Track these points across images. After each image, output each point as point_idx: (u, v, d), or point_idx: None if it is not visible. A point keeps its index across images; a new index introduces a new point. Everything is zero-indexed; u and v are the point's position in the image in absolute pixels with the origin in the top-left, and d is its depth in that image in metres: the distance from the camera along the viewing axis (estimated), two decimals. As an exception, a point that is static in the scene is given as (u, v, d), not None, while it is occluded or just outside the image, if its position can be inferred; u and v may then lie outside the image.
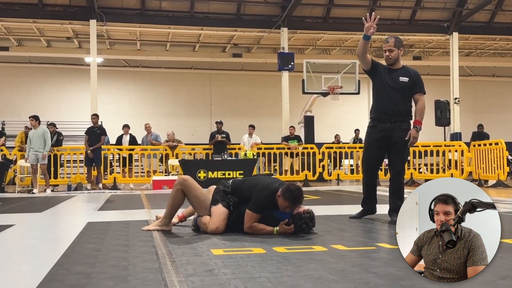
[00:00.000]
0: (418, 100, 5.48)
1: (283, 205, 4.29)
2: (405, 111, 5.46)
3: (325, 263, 3.20)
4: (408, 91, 5.46)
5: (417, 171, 15.00)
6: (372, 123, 5.62)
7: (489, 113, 24.89)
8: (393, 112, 5.43)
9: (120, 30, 19.31)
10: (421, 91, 5.49)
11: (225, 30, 19.30)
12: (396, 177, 5.52)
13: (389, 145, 5.47)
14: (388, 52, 5.45)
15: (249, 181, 4.71)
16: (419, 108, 5.44)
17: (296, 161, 15.36)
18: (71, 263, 3.27)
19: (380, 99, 5.52)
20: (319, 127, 18.84)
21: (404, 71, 5.50)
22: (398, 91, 5.42)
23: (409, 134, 5.34)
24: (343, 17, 19.50)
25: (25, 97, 22.04)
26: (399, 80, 5.43)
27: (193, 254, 3.49)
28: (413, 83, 5.46)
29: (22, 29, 19.00)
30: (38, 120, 12.52)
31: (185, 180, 4.57)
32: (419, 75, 5.57)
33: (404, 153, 5.53)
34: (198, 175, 13.11)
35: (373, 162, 5.67)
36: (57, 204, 8.61)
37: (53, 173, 13.69)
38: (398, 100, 5.42)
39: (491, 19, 20.25)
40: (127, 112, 21.96)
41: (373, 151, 5.61)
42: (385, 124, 5.46)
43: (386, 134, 5.44)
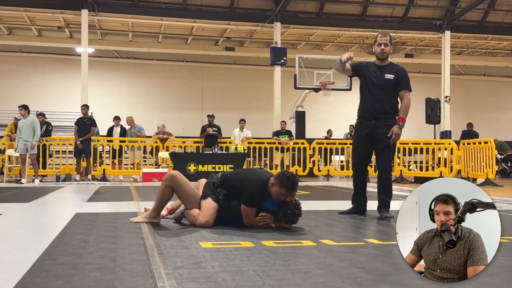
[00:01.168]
0: (403, 97, 5.48)
1: (278, 193, 4.25)
2: (390, 108, 5.47)
3: (313, 257, 3.20)
4: (394, 88, 5.47)
5: (407, 168, 15.06)
6: (358, 121, 5.68)
7: (479, 112, 25.07)
8: (377, 109, 5.46)
9: (112, 21, 19.17)
10: (406, 88, 5.49)
11: (218, 23, 19.23)
12: (383, 173, 5.56)
13: (375, 142, 5.50)
14: (384, 46, 5.46)
15: (239, 173, 4.70)
16: (404, 105, 5.46)
17: (286, 156, 15.37)
18: (58, 254, 3.24)
19: (365, 96, 5.57)
20: (311, 122, 18.85)
21: (391, 68, 5.51)
22: (382, 88, 5.45)
23: (391, 130, 5.36)
24: (337, 13, 19.50)
25: (15, 87, 21.85)
26: (384, 77, 5.45)
27: (181, 247, 3.48)
28: (399, 80, 5.46)
29: (13, 17, 18.80)
30: (27, 110, 12.41)
31: (174, 176, 4.54)
32: (406, 72, 5.57)
33: (389, 149, 5.54)
34: (188, 168, 13.08)
35: (360, 159, 5.70)
36: (45, 195, 8.57)
37: (41, 164, 13.60)
38: (383, 97, 5.45)
39: (483, 18, 20.35)
40: (118, 103, 21.86)
41: (360, 148, 5.65)
42: (370, 121, 5.50)
43: (372, 131, 5.48)
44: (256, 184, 4.31)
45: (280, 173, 4.31)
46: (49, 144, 14.11)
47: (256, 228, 4.31)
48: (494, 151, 13.19)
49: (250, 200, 4.34)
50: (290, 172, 4.34)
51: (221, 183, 4.57)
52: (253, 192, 4.31)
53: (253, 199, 4.34)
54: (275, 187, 4.25)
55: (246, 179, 4.39)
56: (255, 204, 4.36)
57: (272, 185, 4.27)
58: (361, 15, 19.62)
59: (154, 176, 13.11)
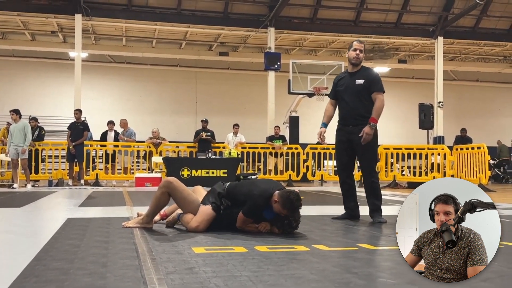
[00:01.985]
0: (375, 99, 5.52)
1: (279, 211, 4.27)
2: (366, 112, 5.51)
3: (306, 262, 3.19)
4: (366, 92, 5.53)
5: (400, 173, 15.10)
6: (337, 127, 5.77)
7: (472, 118, 25.19)
8: (352, 115, 5.55)
9: (105, 26, 19.15)
10: (377, 89, 5.53)
11: (212, 28, 19.24)
12: (367, 178, 5.60)
13: (355, 148, 5.56)
14: (359, 51, 5.56)
15: (244, 186, 4.60)
16: (376, 106, 5.49)
17: (280, 161, 15.36)
18: (49, 259, 3.21)
19: (340, 104, 5.72)
20: (304, 127, 18.88)
21: (361, 73, 5.60)
22: (354, 93, 5.54)
23: (363, 130, 5.40)
24: (330, 19, 19.57)
25: (7, 91, 21.76)
26: (355, 83, 5.55)
27: (174, 252, 3.45)
28: (369, 84, 5.52)
29: (6, 22, 18.73)
30: (19, 114, 12.36)
31: (171, 183, 4.51)
32: (376, 75, 5.66)
33: (370, 154, 5.59)
34: (182, 173, 13.05)
35: (343, 164, 5.75)
36: (38, 200, 8.51)
37: (34, 168, 13.53)
38: (356, 103, 5.52)
39: (476, 25, 20.48)
40: (111, 108, 21.81)
41: (341, 154, 5.73)
42: (348, 127, 5.60)
43: (350, 137, 5.56)
44: (259, 198, 4.31)
45: (285, 194, 4.25)
46: (41, 149, 14.04)
47: (249, 233, 4.30)
48: (487, 156, 13.26)
49: (251, 212, 4.36)
50: (295, 195, 4.28)
51: (227, 193, 4.55)
52: (256, 206, 4.33)
53: (253, 212, 4.36)
54: (278, 205, 4.24)
55: (250, 193, 4.37)
56: (254, 216, 4.38)
57: (275, 202, 4.26)
58: (354, 21, 19.70)
59: (147, 181, 13.07)
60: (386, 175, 14.51)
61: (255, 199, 4.32)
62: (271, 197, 4.29)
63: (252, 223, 4.43)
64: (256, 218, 4.41)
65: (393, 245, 3.89)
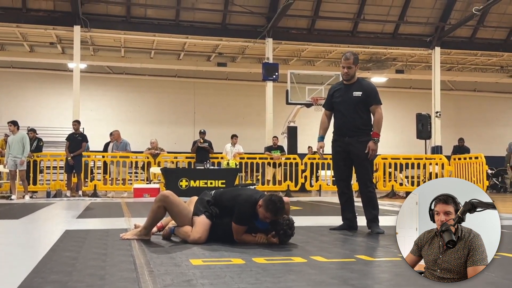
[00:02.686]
0: (374, 112, 5.56)
1: (264, 216, 4.31)
2: (362, 124, 5.55)
3: (304, 274, 3.19)
4: (363, 104, 5.56)
5: (398, 183, 15.10)
6: (333, 138, 5.78)
7: (470, 127, 25.23)
8: (349, 127, 5.57)
9: (104, 37, 19.20)
10: (376, 102, 5.57)
11: (210, 39, 19.31)
12: (363, 188, 5.61)
13: (352, 159, 5.59)
14: (347, 69, 5.59)
15: (230, 192, 4.74)
16: (376, 119, 5.54)
17: (278, 171, 15.36)
18: (47, 271, 3.21)
19: (336, 116, 5.74)
20: (302, 137, 18.89)
21: (358, 85, 5.62)
22: (351, 105, 5.56)
23: (368, 147, 5.43)
24: (328, 29, 19.66)
25: (6, 102, 21.77)
26: (352, 95, 5.56)
27: (171, 264, 3.46)
28: (367, 96, 5.55)
29: (5, 33, 18.78)
30: (16, 125, 12.36)
31: (167, 197, 4.54)
32: (373, 87, 5.68)
33: (366, 164, 5.60)
34: (180, 184, 13.04)
35: (341, 175, 5.79)
36: (36, 211, 8.49)
37: (32, 180, 13.51)
38: (353, 115, 5.54)
39: (472, 35, 20.58)
40: (110, 119, 21.81)
41: (338, 164, 5.75)
42: (344, 138, 5.61)
43: (346, 148, 5.59)
44: (245, 204, 4.37)
45: (268, 197, 4.34)
46: (40, 160, 14.04)
47: (246, 245, 4.30)
48: (485, 166, 13.28)
49: (240, 219, 4.40)
50: (278, 197, 4.36)
51: (214, 201, 4.60)
52: (243, 211, 4.37)
53: (242, 218, 4.40)
54: (262, 209, 4.29)
55: (236, 198, 4.45)
56: (244, 223, 4.41)
57: (259, 207, 4.32)
58: (352, 32, 19.80)
59: (146, 192, 13.05)
60: (384, 185, 14.51)
61: (241, 205, 4.38)
62: (257, 204, 4.34)
63: (249, 234, 4.43)
64: (249, 227, 4.43)
65: (391, 256, 3.90)
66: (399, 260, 3.58)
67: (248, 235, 4.45)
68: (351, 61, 5.57)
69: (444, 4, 19.49)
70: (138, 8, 18.32)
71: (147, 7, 18.31)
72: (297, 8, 18.03)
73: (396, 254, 3.80)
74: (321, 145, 5.81)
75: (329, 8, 18.94)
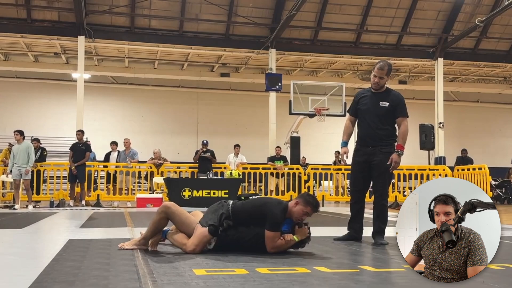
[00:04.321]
0: (400, 124, 5.51)
1: (303, 212, 4.39)
2: (386, 135, 5.49)
3: (308, 285, 3.17)
4: (389, 115, 5.49)
5: (402, 194, 15.06)
6: (356, 147, 5.71)
7: (473, 138, 25.19)
8: (372, 137, 5.50)
9: (108, 47, 19.32)
10: (403, 115, 5.50)
11: (213, 49, 19.40)
12: (379, 200, 5.55)
13: (372, 169, 5.51)
14: (379, 79, 5.48)
15: (253, 202, 4.63)
16: (402, 132, 5.48)
17: (281, 181, 15.35)
18: (50, 281, 3.21)
19: (361, 124, 5.65)
20: (305, 148, 18.89)
21: (385, 95, 5.54)
22: (377, 116, 5.48)
23: (390, 158, 5.37)
24: (331, 40, 19.73)
25: (10, 112, 21.86)
26: (379, 105, 5.48)
27: (174, 274, 3.44)
28: (394, 108, 5.48)
29: (10, 43, 18.91)
30: (22, 135, 12.41)
31: (169, 208, 4.52)
32: (401, 99, 5.58)
33: (385, 176, 5.54)
34: (183, 194, 13.03)
35: (358, 185, 5.70)
36: (39, 221, 8.49)
37: (35, 189, 13.52)
38: (378, 125, 5.47)
39: (475, 46, 20.62)
40: (113, 128, 21.86)
41: (357, 174, 5.68)
42: (367, 148, 5.54)
43: (368, 158, 5.51)
44: (277, 210, 4.38)
45: (303, 195, 4.53)
46: (43, 170, 14.06)
47: (250, 255, 4.27)
48: (488, 177, 13.24)
49: (275, 224, 4.38)
50: (310, 194, 4.59)
51: (232, 213, 4.50)
52: (277, 216, 4.37)
53: (277, 223, 4.39)
54: (300, 206, 4.39)
55: (265, 207, 4.42)
56: (279, 228, 4.40)
57: (296, 204, 4.40)
58: (355, 42, 19.86)
59: (149, 202, 13.04)
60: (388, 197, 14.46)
61: (274, 210, 4.38)
62: (287, 209, 4.41)
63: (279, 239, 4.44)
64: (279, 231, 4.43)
65: (395, 267, 3.88)
66: (403, 271, 3.57)
67: (280, 240, 4.41)
68: (385, 72, 5.46)
69: (447, 15, 19.55)
70: (142, 19, 18.44)
71: (151, 18, 18.43)
72: (300, 19, 18.12)
73: (400, 265, 3.79)
74: (345, 150, 5.73)
75: (332, 19, 19.03)
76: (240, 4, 18.27)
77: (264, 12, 18.69)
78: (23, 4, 17.27)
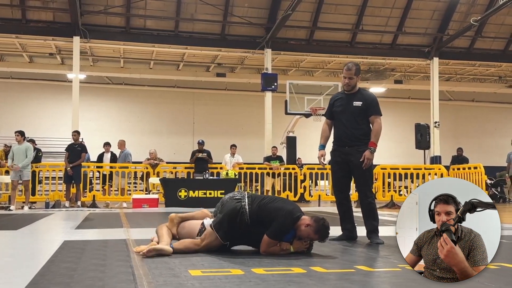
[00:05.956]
0: (373, 122, 5.58)
1: (307, 235, 4.32)
2: (362, 134, 5.55)
3: (303, 285, 3.18)
4: (363, 114, 5.57)
5: (397, 194, 15.10)
6: (333, 148, 5.79)
7: (468, 137, 25.27)
8: (348, 136, 5.57)
9: (103, 47, 19.28)
10: (376, 113, 5.58)
11: (209, 49, 19.39)
12: (364, 199, 5.61)
13: (351, 169, 5.59)
14: (348, 79, 5.59)
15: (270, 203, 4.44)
16: (375, 130, 5.55)
17: (277, 181, 15.36)
18: (46, 283, 3.20)
19: (337, 125, 5.73)
20: (301, 147, 18.90)
21: (358, 95, 5.63)
22: (352, 115, 5.57)
23: (363, 155, 5.43)
24: (326, 40, 19.75)
25: (5, 113, 21.77)
26: (352, 105, 5.57)
27: (170, 275, 3.44)
28: (367, 107, 5.56)
29: (4, 44, 18.84)
30: (23, 136, 12.41)
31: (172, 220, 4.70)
32: (374, 98, 5.69)
33: (366, 175, 5.58)
34: (179, 194, 13.03)
35: (339, 185, 5.78)
36: (34, 222, 8.47)
37: (31, 190, 13.47)
38: (353, 125, 5.55)
39: (471, 45, 20.68)
40: (109, 129, 21.81)
41: (336, 174, 5.75)
42: (343, 148, 5.61)
43: (345, 158, 5.58)
44: (286, 221, 4.30)
45: (320, 220, 4.32)
46: (38, 170, 14.01)
47: (246, 255, 4.28)
48: (484, 176, 13.28)
49: (277, 234, 4.32)
50: (327, 222, 4.37)
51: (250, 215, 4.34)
52: (284, 227, 4.30)
53: (279, 234, 4.33)
54: (309, 229, 4.29)
55: (277, 213, 4.31)
56: (280, 238, 4.35)
57: (307, 226, 4.29)
58: (350, 42, 19.88)
59: (145, 202, 13.02)
60: (383, 195, 14.50)
61: (281, 222, 4.30)
62: (298, 220, 4.30)
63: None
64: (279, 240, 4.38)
65: (390, 266, 3.89)
66: (398, 271, 3.58)
67: (275, 246, 4.37)
68: (353, 72, 5.57)
69: (442, 15, 19.60)
70: (138, 19, 18.41)
71: (147, 18, 18.40)
72: (296, 19, 18.14)
73: (395, 265, 3.80)
74: (322, 153, 5.82)
75: (328, 19, 19.05)
76: (235, 4, 18.26)
77: (260, 12, 18.69)
78: (18, 5, 17.21)
